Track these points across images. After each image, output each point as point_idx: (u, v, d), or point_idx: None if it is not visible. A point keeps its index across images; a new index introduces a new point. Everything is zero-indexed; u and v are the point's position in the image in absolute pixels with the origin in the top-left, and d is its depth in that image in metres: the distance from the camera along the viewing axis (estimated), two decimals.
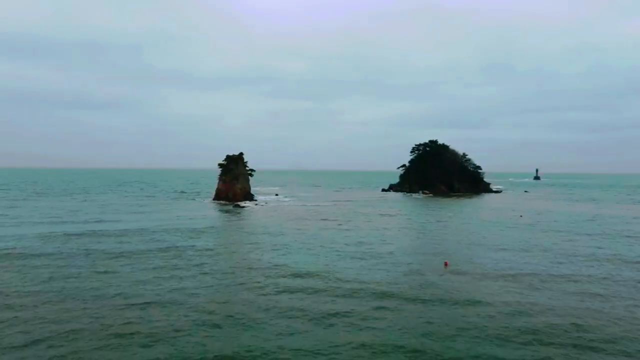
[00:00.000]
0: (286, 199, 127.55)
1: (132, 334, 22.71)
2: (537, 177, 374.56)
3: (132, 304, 27.48)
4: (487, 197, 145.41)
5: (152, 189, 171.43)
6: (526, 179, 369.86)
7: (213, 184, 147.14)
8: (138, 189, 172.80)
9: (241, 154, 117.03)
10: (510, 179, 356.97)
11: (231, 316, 25.66)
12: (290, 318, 25.55)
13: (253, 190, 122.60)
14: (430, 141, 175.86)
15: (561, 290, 31.81)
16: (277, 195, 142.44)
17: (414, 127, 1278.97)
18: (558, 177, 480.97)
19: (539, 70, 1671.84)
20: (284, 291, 31.00)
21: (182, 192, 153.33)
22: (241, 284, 33.04)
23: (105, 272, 35.85)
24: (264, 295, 30.05)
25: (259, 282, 33.27)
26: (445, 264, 40.42)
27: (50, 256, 41.59)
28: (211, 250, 46.45)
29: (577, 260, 42.58)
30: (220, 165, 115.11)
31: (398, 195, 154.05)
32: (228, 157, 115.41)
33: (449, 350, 21.14)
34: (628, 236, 59.20)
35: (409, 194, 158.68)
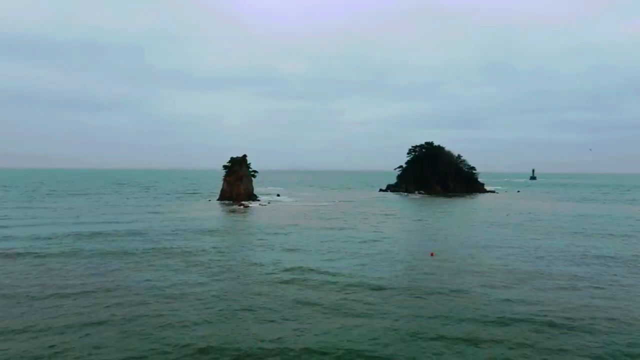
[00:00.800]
0: (288, 199, 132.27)
1: (172, 316, 27.02)
2: (533, 177, 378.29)
3: (167, 295, 31.67)
4: (480, 197, 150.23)
5: (155, 190, 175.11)
6: (522, 179, 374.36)
7: (215, 184, 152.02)
8: (142, 189, 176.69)
9: (244, 156, 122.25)
10: (505, 179, 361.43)
11: (248, 305, 29.70)
12: (298, 305, 29.69)
13: (255, 190, 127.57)
14: (427, 143, 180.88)
15: (535, 283, 36.02)
16: (278, 195, 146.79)
17: (413, 127, 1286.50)
18: (556, 177, 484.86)
19: (539, 70, 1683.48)
20: (293, 284, 35.14)
21: (187, 192, 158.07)
22: (256, 275, 37.72)
23: (137, 267, 40.37)
24: (276, 287, 34.23)
25: (269, 276, 37.52)
26: (431, 254, 46.28)
27: (83, 253, 45.99)
28: (225, 247, 51.01)
29: (553, 257, 46.74)
30: (224, 167, 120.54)
31: (395, 195, 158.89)
32: (232, 159, 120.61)
33: (437, 330, 25.33)
34: (611, 234, 63.25)
35: (405, 194, 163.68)
